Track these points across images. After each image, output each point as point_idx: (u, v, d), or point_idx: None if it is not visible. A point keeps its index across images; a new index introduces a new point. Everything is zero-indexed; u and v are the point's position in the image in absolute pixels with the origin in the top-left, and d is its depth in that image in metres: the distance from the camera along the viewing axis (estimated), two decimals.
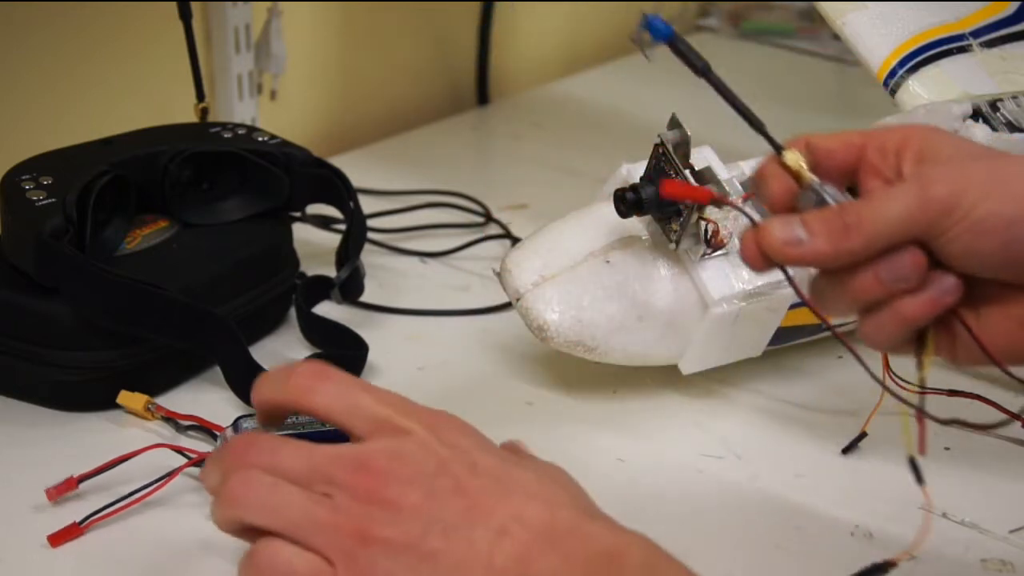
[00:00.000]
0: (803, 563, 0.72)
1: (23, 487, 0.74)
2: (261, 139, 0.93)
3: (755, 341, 0.85)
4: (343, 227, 0.94)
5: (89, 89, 1.07)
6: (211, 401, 0.83)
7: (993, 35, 0.92)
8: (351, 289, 0.92)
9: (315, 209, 0.98)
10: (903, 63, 0.89)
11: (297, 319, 0.91)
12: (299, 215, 0.97)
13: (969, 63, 0.90)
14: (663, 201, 0.79)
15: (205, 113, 0.98)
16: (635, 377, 0.86)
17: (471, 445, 0.60)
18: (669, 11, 1.57)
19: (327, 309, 0.92)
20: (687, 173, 0.78)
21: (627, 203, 0.80)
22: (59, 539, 0.71)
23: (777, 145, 0.66)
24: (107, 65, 1.07)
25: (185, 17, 0.96)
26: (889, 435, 0.79)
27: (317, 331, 0.90)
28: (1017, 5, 0.94)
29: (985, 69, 0.90)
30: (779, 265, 0.64)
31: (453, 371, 0.89)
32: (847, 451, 0.81)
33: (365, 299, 0.94)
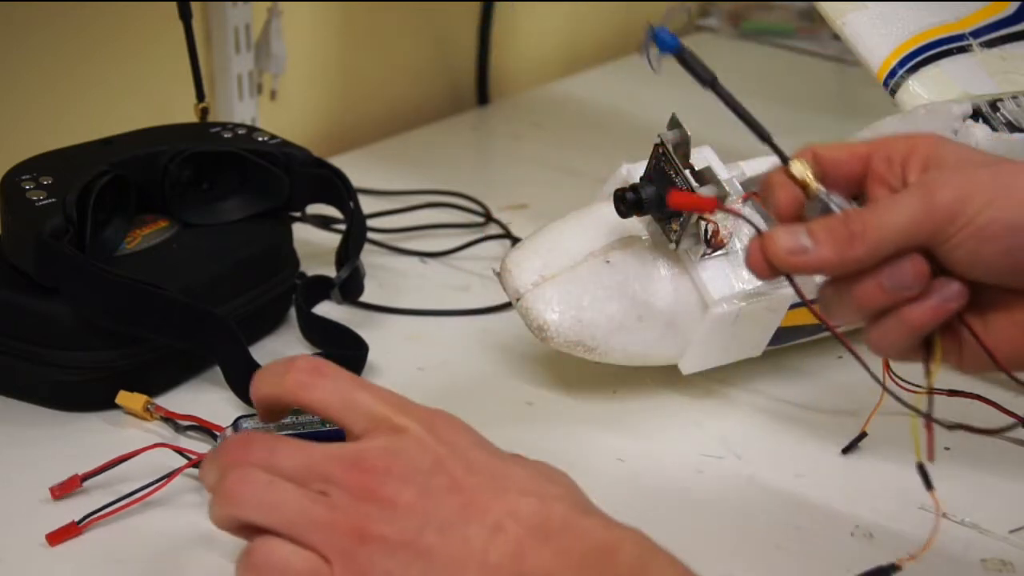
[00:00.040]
0: (803, 563, 0.72)
1: (23, 487, 0.74)
2: (261, 139, 0.93)
3: (755, 341, 0.85)
4: (343, 227, 0.94)
5: (89, 89, 1.07)
6: (211, 401, 0.83)
7: (993, 35, 0.92)
8: (351, 289, 0.92)
9: (315, 209, 0.98)
10: (903, 63, 0.89)
11: (297, 319, 0.91)
12: (299, 215, 0.97)
13: (969, 63, 0.90)
14: (663, 201, 0.79)
15: (205, 113, 0.98)
16: (635, 377, 0.86)
17: (467, 443, 0.60)
18: (670, 11, 1.57)
19: (327, 309, 0.92)
20: (687, 173, 0.78)
21: (627, 203, 0.80)
22: (57, 538, 0.71)
23: (784, 156, 0.66)
24: (107, 65, 1.07)
25: (185, 17, 0.96)
26: (889, 435, 0.79)
27: (317, 331, 0.90)
28: (1017, 5, 0.94)
29: (985, 69, 0.90)
30: (785, 274, 0.64)
31: (453, 371, 0.89)
32: (847, 451, 0.81)
33: (365, 299, 0.94)
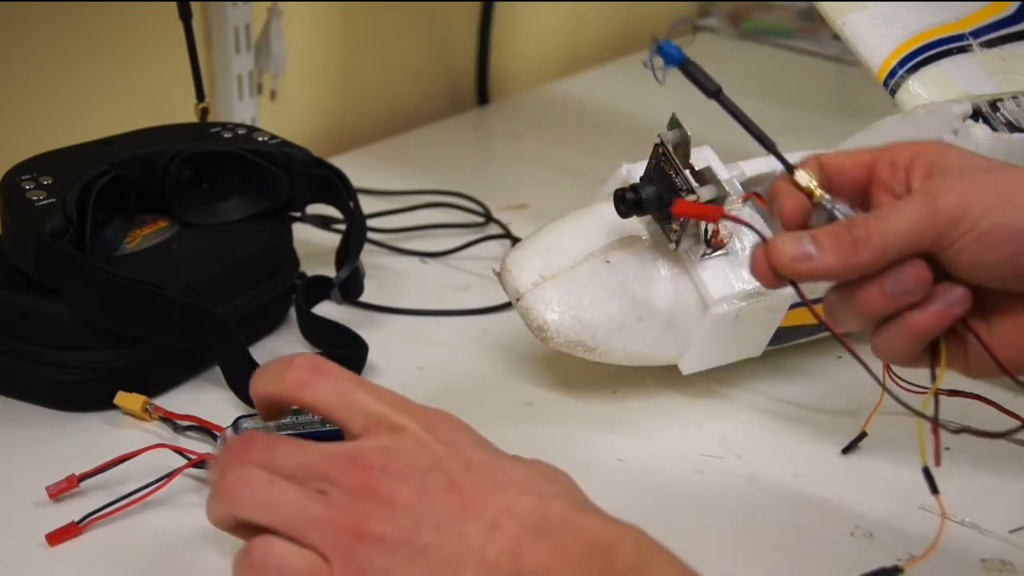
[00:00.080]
0: (803, 563, 0.72)
1: (23, 487, 0.74)
2: (261, 139, 0.93)
3: (755, 341, 0.85)
4: (343, 227, 0.94)
5: (89, 89, 1.07)
6: (211, 401, 0.83)
7: (993, 35, 0.92)
8: (351, 289, 0.92)
9: (315, 209, 0.98)
10: (903, 63, 0.89)
11: (297, 319, 0.91)
12: (299, 215, 0.97)
13: (969, 63, 0.90)
14: (663, 201, 0.80)
15: (205, 113, 0.98)
16: (635, 377, 0.86)
17: (465, 441, 0.61)
18: (673, 14, 1.57)
19: (327, 309, 0.92)
20: (687, 173, 0.78)
21: (627, 203, 0.80)
22: (57, 538, 0.71)
23: (789, 165, 0.66)
24: (107, 65, 1.07)
25: (185, 17, 0.96)
26: (889, 435, 0.79)
27: (317, 331, 0.90)
28: (1017, 5, 0.94)
29: (985, 69, 0.90)
30: (790, 281, 0.65)
31: (453, 371, 0.89)
32: (847, 451, 0.81)
33: (365, 299, 0.94)
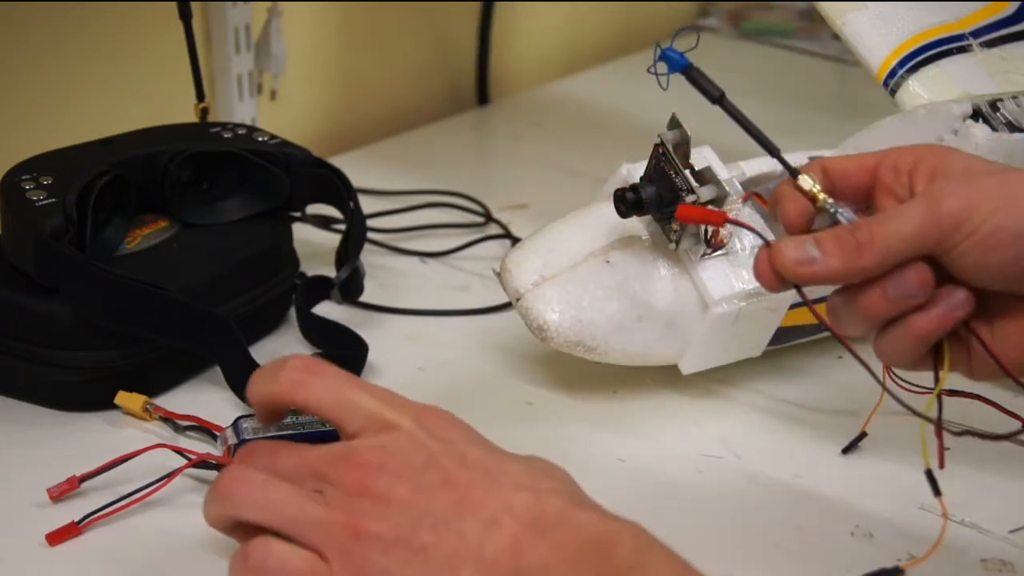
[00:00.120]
0: (803, 563, 0.72)
1: (23, 487, 0.74)
2: (261, 139, 0.93)
3: (755, 341, 0.85)
4: (343, 227, 0.94)
5: (89, 89, 1.07)
6: (211, 401, 0.83)
7: (993, 35, 0.92)
8: (351, 289, 0.92)
9: (315, 209, 0.98)
10: (903, 63, 0.89)
11: (297, 319, 0.91)
12: (299, 215, 0.97)
13: (969, 63, 0.90)
14: (663, 201, 0.80)
15: (205, 113, 0.98)
16: (635, 377, 0.86)
17: (460, 438, 0.61)
18: (673, 14, 1.57)
19: (327, 309, 0.92)
20: (687, 173, 0.78)
21: (627, 203, 0.80)
22: (57, 538, 0.71)
23: (793, 170, 0.66)
24: (107, 65, 1.07)
25: (185, 17, 0.96)
26: (889, 435, 0.79)
27: (317, 331, 0.90)
28: (1017, 5, 0.94)
29: (985, 69, 0.90)
30: (794, 285, 0.65)
31: (453, 371, 0.89)
32: (847, 451, 0.81)
33: (365, 299, 0.94)
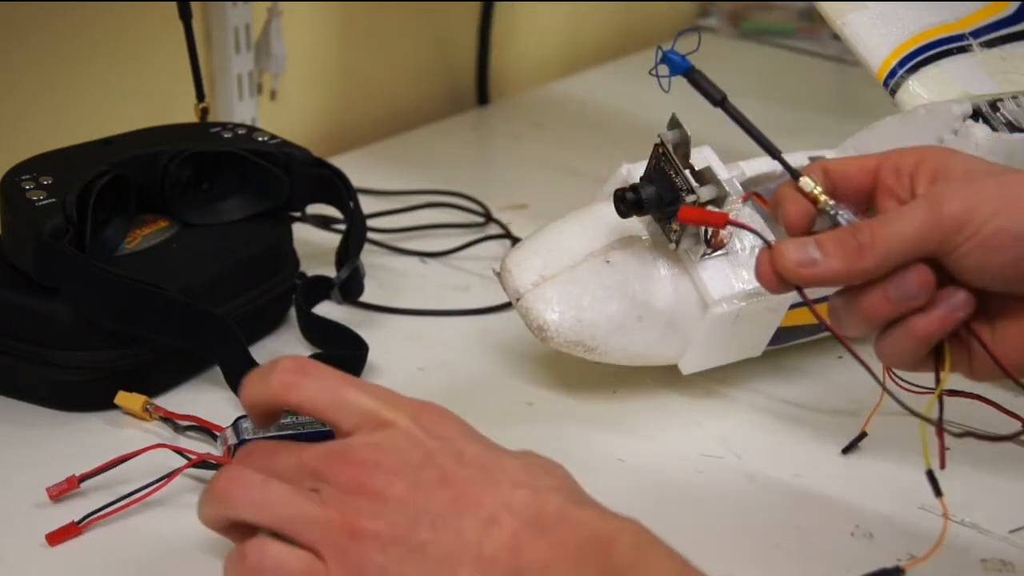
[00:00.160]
0: (803, 563, 0.72)
1: (23, 487, 0.74)
2: (261, 139, 0.93)
3: (755, 341, 0.85)
4: (343, 227, 0.94)
5: (89, 89, 1.07)
6: (211, 401, 0.83)
7: (993, 35, 0.92)
8: (351, 289, 0.92)
9: (315, 209, 0.98)
10: (903, 63, 0.89)
11: (297, 319, 0.91)
12: (299, 215, 0.97)
13: (969, 63, 0.90)
14: (663, 201, 0.80)
15: (205, 113, 0.98)
16: (635, 377, 0.86)
17: (456, 434, 0.61)
18: (673, 14, 1.57)
19: (327, 309, 0.92)
20: (687, 173, 0.78)
21: (627, 203, 0.80)
22: (57, 538, 0.71)
23: (794, 171, 0.66)
24: (107, 65, 1.07)
25: (185, 17, 0.96)
26: (889, 435, 0.79)
27: (317, 331, 0.90)
28: (1017, 5, 0.94)
29: (985, 69, 0.90)
30: (795, 286, 0.65)
31: (453, 371, 0.89)
32: (847, 451, 0.81)
33: (365, 299, 0.94)
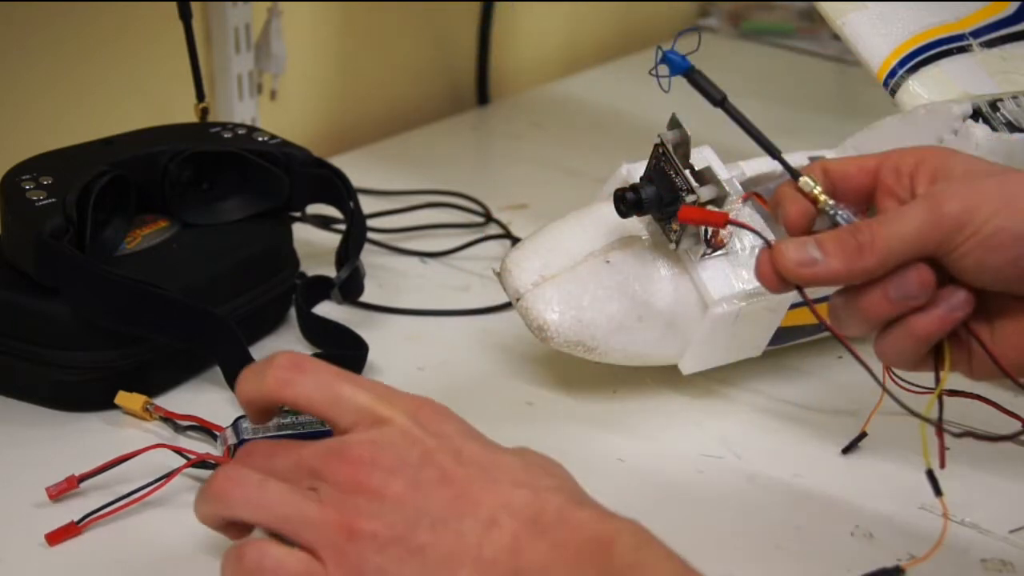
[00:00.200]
0: (803, 563, 0.72)
1: (23, 487, 0.74)
2: (261, 139, 0.93)
3: (755, 341, 0.85)
4: (343, 227, 0.94)
5: (89, 89, 1.07)
6: (211, 401, 0.83)
7: (993, 35, 0.92)
8: (351, 289, 0.92)
9: (315, 209, 0.98)
10: (903, 63, 0.89)
11: (297, 319, 0.91)
12: (299, 215, 0.97)
13: (969, 63, 0.90)
14: (663, 201, 0.80)
15: (205, 113, 0.98)
16: (635, 377, 0.86)
17: (454, 431, 0.60)
18: (673, 14, 1.57)
19: (327, 309, 0.92)
20: (687, 173, 0.78)
21: (627, 203, 0.80)
22: (57, 538, 0.71)
23: (794, 171, 0.67)
24: (107, 65, 1.07)
25: (185, 17, 0.96)
26: (889, 435, 0.79)
27: (317, 331, 0.90)
28: (1017, 5, 0.94)
29: (985, 69, 0.90)
30: (795, 286, 0.65)
31: (453, 371, 0.89)
32: (847, 451, 0.81)
33: (365, 299, 0.94)
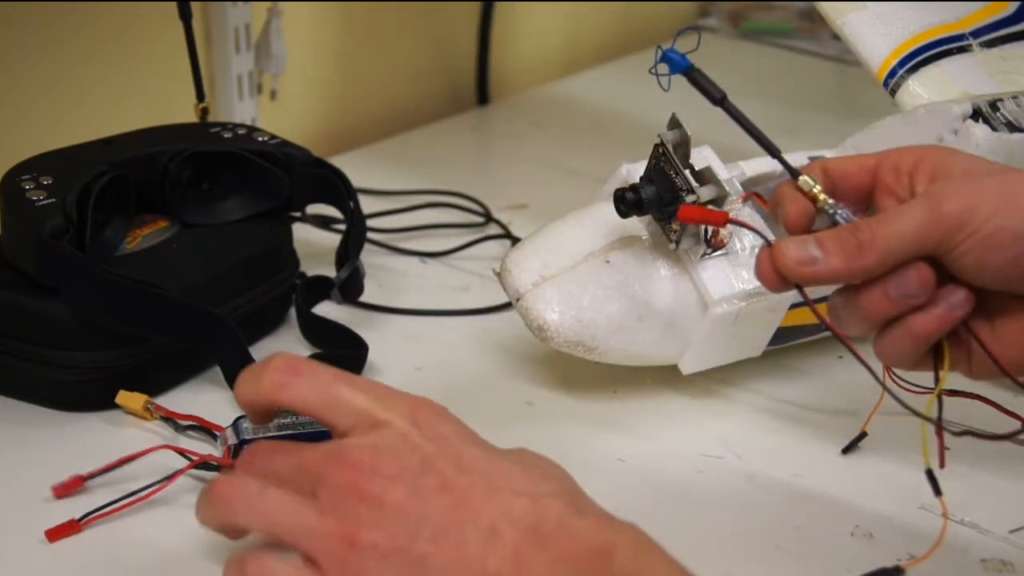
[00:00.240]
0: (803, 563, 0.72)
1: (23, 487, 0.74)
2: (261, 139, 0.93)
3: (755, 341, 0.85)
4: (343, 227, 0.94)
5: (89, 89, 1.07)
6: (211, 401, 0.83)
7: (993, 35, 0.92)
8: (351, 289, 0.92)
9: (315, 209, 0.98)
10: (903, 63, 0.89)
11: (297, 319, 0.91)
12: (299, 215, 0.97)
13: (969, 63, 0.90)
14: (663, 201, 0.80)
15: (205, 113, 0.98)
16: (635, 377, 0.86)
17: (453, 434, 0.60)
18: (673, 14, 1.57)
19: (327, 309, 0.92)
20: (687, 173, 0.78)
21: (627, 203, 0.80)
22: (57, 535, 0.71)
23: (793, 170, 0.67)
24: (107, 65, 1.07)
25: (185, 17, 0.96)
26: (889, 435, 0.79)
27: (317, 331, 0.90)
28: (1017, 5, 0.94)
29: (985, 69, 0.90)
30: (795, 285, 0.65)
31: (453, 371, 0.89)
32: (847, 451, 0.81)
33: (365, 299, 0.94)
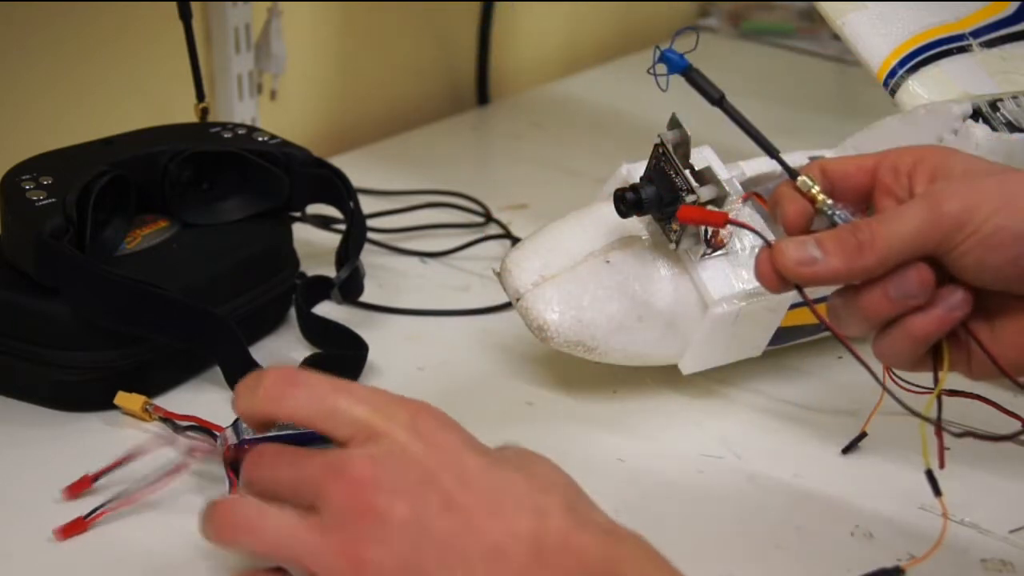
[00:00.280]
0: (803, 563, 0.72)
1: (22, 487, 0.75)
2: (261, 139, 0.93)
3: (755, 341, 0.85)
4: (343, 227, 0.94)
5: (89, 89, 1.07)
6: (211, 401, 0.83)
7: (993, 35, 0.92)
8: (351, 289, 0.92)
9: (315, 209, 0.98)
10: (903, 63, 0.89)
11: (297, 319, 0.91)
12: (299, 215, 0.97)
13: (969, 63, 0.90)
14: (663, 201, 0.80)
15: (205, 113, 0.98)
16: (635, 377, 0.86)
17: (453, 442, 0.59)
18: (673, 14, 1.57)
19: (327, 309, 0.92)
20: (687, 173, 0.78)
21: (627, 203, 0.80)
22: (65, 533, 0.71)
23: (792, 171, 0.67)
24: (107, 65, 1.07)
25: (185, 17, 0.96)
26: (889, 435, 0.79)
27: (317, 331, 0.90)
28: (1017, 5, 0.94)
29: (985, 69, 0.90)
30: (795, 285, 0.65)
31: (453, 371, 0.89)
32: (847, 451, 0.81)
33: (365, 299, 0.94)
